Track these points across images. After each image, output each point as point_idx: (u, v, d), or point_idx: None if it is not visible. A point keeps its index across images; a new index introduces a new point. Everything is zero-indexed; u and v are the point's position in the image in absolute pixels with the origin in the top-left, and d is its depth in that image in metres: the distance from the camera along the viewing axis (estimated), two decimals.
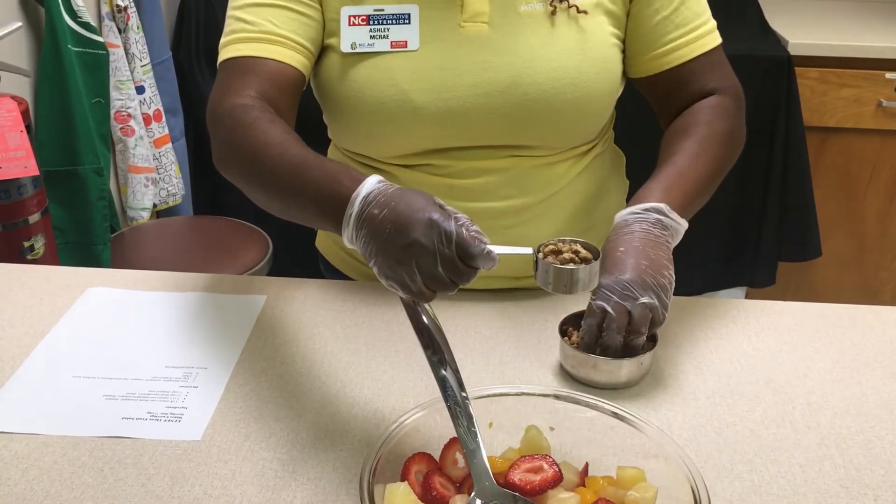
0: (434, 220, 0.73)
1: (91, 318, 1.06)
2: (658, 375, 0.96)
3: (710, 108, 1.05)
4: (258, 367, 0.97)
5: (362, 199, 0.77)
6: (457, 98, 1.01)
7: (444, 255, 0.73)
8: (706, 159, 1.02)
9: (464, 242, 0.73)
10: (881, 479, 0.82)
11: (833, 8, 2.79)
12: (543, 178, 1.08)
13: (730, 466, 0.83)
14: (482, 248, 0.73)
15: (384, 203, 0.76)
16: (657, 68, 1.06)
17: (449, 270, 0.73)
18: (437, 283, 0.74)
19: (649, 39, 1.05)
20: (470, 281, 0.75)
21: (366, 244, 0.77)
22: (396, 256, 0.74)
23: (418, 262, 0.73)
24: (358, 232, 0.77)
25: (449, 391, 0.77)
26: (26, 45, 1.73)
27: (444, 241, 0.73)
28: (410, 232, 0.73)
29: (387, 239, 0.74)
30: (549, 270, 0.78)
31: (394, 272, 0.75)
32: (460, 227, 0.73)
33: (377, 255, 0.76)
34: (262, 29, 0.99)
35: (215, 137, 0.96)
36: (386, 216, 0.75)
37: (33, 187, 1.49)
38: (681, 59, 1.05)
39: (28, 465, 0.81)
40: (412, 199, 0.75)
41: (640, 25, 1.05)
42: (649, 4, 1.04)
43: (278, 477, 0.81)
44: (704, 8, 1.07)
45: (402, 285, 0.75)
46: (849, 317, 1.08)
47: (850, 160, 2.48)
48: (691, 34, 1.05)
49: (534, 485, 0.73)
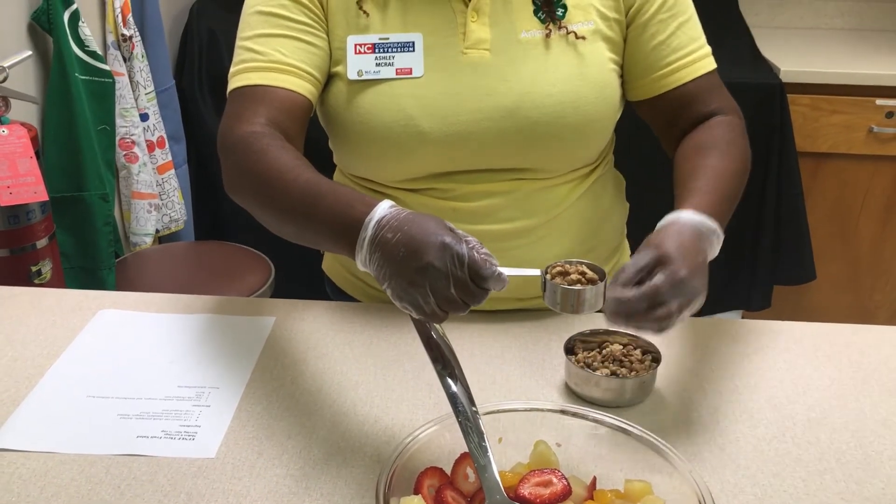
0: (447, 244, 0.76)
1: (103, 339, 1.08)
2: (661, 394, 0.98)
3: (728, 126, 1.07)
4: (269, 387, 0.98)
5: (375, 223, 0.80)
6: (460, 123, 1.04)
7: (456, 278, 0.75)
8: (735, 178, 1.01)
9: (475, 265, 0.75)
10: (881, 493, 0.84)
11: (823, 36, 2.84)
12: (546, 201, 1.11)
13: (733, 481, 0.85)
14: (493, 271, 0.75)
15: (397, 227, 0.78)
16: (657, 91, 1.09)
17: (461, 292, 0.76)
18: (449, 305, 0.76)
19: (647, 63, 1.08)
20: (481, 302, 0.77)
21: (379, 267, 0.79)
22: (410, 279, 0.76)
23: (432, 284, 0.75)
24: (371, 255, 0.80)
25: (460, 407, 0.79)
26: (34, 73, 1.76)
27: (456, 263, 0.75)
28: (424, 255, 0.76)
29: (401, 262, 0.77)
30: (557, 291, 0.80)
31: (408, 294, 0.77)
32: (471, 251, 0.76)
33: (391, 277, 0.78)
34: (272, 58, 1.02)
35: (227, 164, 0.98)
36: (399, 240, 0.77)
37: (41, 213, 1.51)
38: (679, 80, 1.08)
39: (46, 482, 0.83)
40: (424, 223, 0.78)
41: (638, 50, 1.08)
42: (645, 30, 1.07)
43: (292, 493, 0.82)
44: (700, 34, 1.10)
45: (415, 307, 0.77)
46: (845, 336, 1.11)
47: (842, 185, 2.52)
48: (688, 57, 1.08)
49: (543, 498, 0.75)
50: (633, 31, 1.08)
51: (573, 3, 1.06)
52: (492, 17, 1.05)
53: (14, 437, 0.89)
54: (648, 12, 1.07)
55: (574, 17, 1.05)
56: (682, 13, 1.09)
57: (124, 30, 1.99)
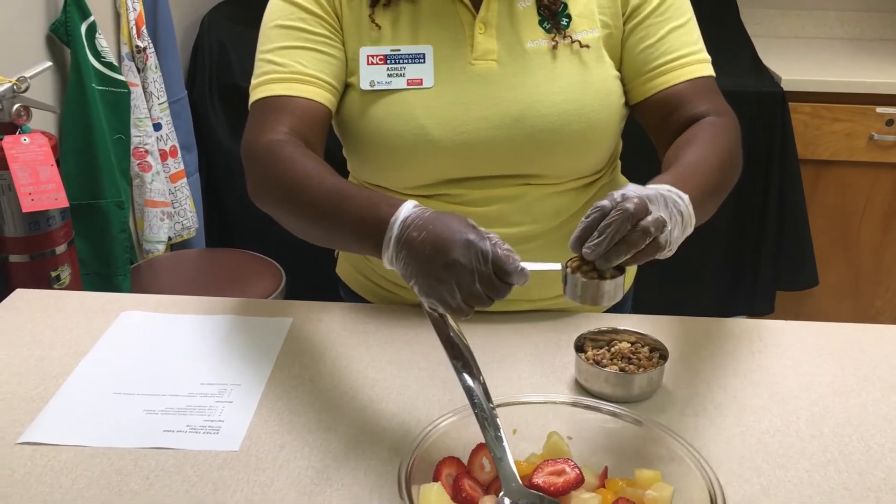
0: (471, 241, 0.79)
1: (127, 339, 1.11)
2: (668, 389, 1.01)
3: (711, 124, 1.06)
4: (289, 384, 1.02)
5: (401, 222, 0.83)
6: (470, 131, 1.08)
7: (481, 273, 0.79)
8: (714, 164, 0.99)
9: (499, 260, 0.79)
10: (882, 482, 0.87)
11: (824, 45, 2.88)
12: (553, 206, 1.14)
13: (739, 472, 0.88)
14: (516, 266, 0.79)
15: (422, 226, 0.82)
16: (646, 93, 1.11)
17: (486, 287, 0.79)
18: (475, 299, 0.80)
19: (636, 66, 1.10)
20: (505, 296, 0.80)
21: (406, 265, 0.82)
22: (437, 276, 0.80)
23: (458, 280, 0.79)
24: (398, 254, 0.83)
25: (476, 400, 0.82)
26: (52, 84, 1.80)
27: (480, 259, 0.79)
28: (449, 252, 0.79)
29: (427, 259, 0.80)
30: (578, 284, 0.83)
31: (434, 290, 0.80)
32: (494, 247, 0.79)
33: (417, 275, 0.81)
34: (293, 69, 1.05)
35: (251, 172, 1.02)
36: (425, 238, 0.81)
37: (61, 219, 1.54)
38: (667, 83, 1.09)
39: (77, 474, 0.86)
40: (449, 222, 0.81)
41: (628, 53, 1.11)
42: (636, 33, 1.10)
43: (314, 483, 0.85)
44: (695, 40, 1.11)
45: (442, 302, 0.81)
46: (847, 335, 1.14)
47: (844, 192, 2.55)
48: (678, 61, 1.09)
49: (557, 486, 0.78)
50: (627, 35, 1.10)
51: (577, 12, 1.09)
52: (499, 29, 1.08)
53: (44, 431, 0.92)
54: (641, 15, 1.09)
55: (578, 25, 1.09)
56: (675, 18, 1.10)
57: (138, 41, 2.03)
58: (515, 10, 1.09)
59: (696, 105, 1.08)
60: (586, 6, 1.09)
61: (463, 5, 1.08)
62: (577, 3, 1.09)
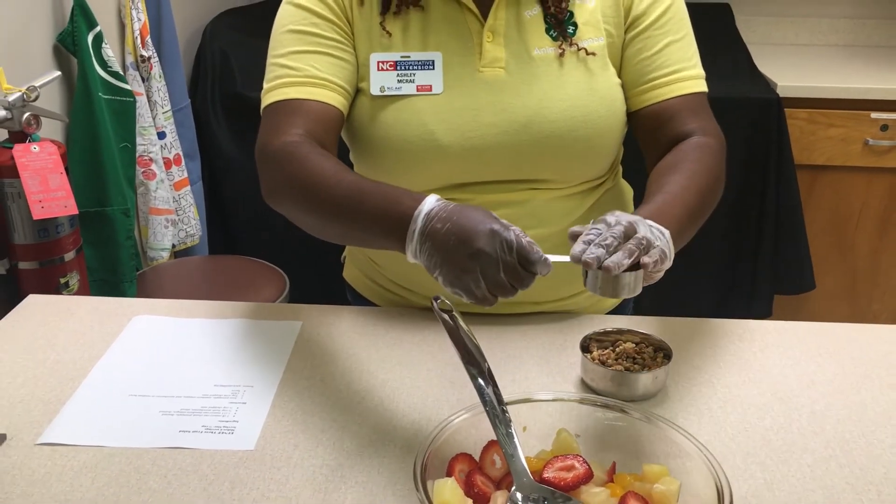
0: (495, 231, 0.82)
1: (140, 343, 1.13)
2: (672, 388, 1.03)
3: (696, 146, 1.08)
4: (301, 385, 1.04)
5: (425, 215, 0.86)
6: (478, 137, 1.10)
7: (506, 262, 0.81)
8: (696, 190, 1.02)
9: (523, 250, 0.81)
10: (883, 477, 0.89)
11: (819, 52, 2.92)
12: (558, 210, 1.17)
13: (743, 467, 0.90)
14: (540, 255, 0.82)
15: (446, 218, 0.84)
16: (639, 104, 1.13)
17: (511, 276, 0.81)
18: (499, 289, 0.82)
19: (632, 76, 1.13)
20: (529, 286, 0.83)
21: (430, 256, 0.85)
22: (463, 266, 0.82)
23: (483, 269, 0.81)
24: (422, 246, 0.85)
25: (487, 398, 0.84)
26: (59, 93, 1.82)
27: (505, 249, 0.81)
28: (474, 242, 0.81)
29: (452, 250, 0.82)
30: (598, 276, 0.85)
31: (460, 280, 0.83)
32: (518, 237, 0.81)
33: (442, 265, 0.84)
34: (306, 73, 1.08)
35: (266, 173, 1.04)
36: (449, 229, 0.83)
37: (70, 226, 1.56)
38: (660, 97, 1.12)
39: (96, 473, 0.88)
40: (472, 213, 0.84)
41: (626, 63, 1.13)
42: (634, 44, 1.13)
43: (329, 481, 0.87)
44: (690, 56, 1.14)
45: (467, 292, 0.83)
46: (847, 335, 1.16)
47: (839, 196, 2.58)
48: (672, 76, 1.12)
49: (567, 481, 0.80)
50: (626, 44, 1.13)
51: (583, 20, 1.12)
52: (506, 37, 1.11)
53: (63, 432, 0.94)
54: (640, 27, 1.12)
55: (584, 33, 1.11)
56: (673, 32, 1.13)
57: (143, 51, 2.06)
58: (522, 18, 1.11)
59: (686, 122, 1.11)
60: (592, 15, 1.12)
61: (471, 13, 1.11)
62: (583, 11, 1.12)
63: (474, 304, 0.84)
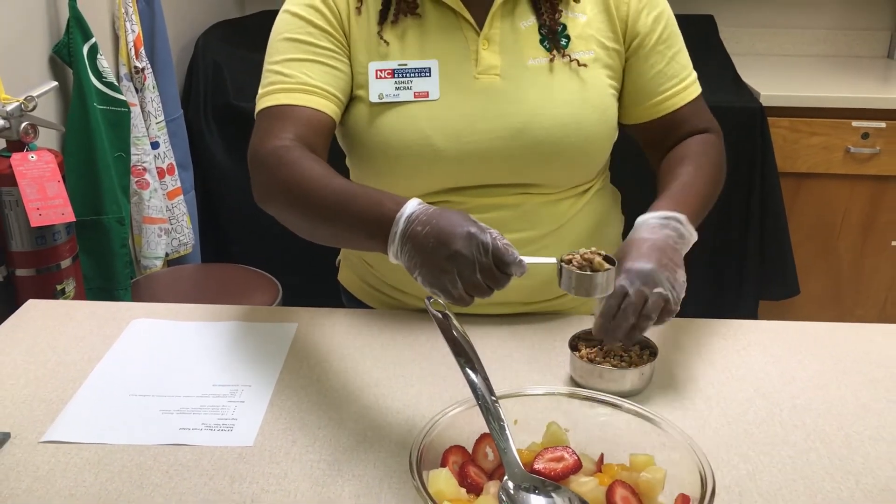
0: (472, 233, 0.85)
1: (139, 345, 1.15)
2: (658, 385, 1.06)
3: (701, 141, 1.20)
4: (297, 384, 1.06)
5: (406, 218, 0.89)
6: (473, 142, 1.13)
7: (482, 264, 0.84)
8: (705, 179, 1.15)
9: (499, 252, 0.84)
10: (861, 467, 0.92)
11: (801, 62, 2.97)
12: (550, 214, 1.20)
13: (726, 458, 0.93)
14: (514, 257, 0.85)
15: (426, 221, 0.87)
16: (653, 115, 1.20)
17: (486, 277, 0.85)
18: (475, 289, 0.85)
19: (647, 90, 1.19)
20: (504, 286, 0.86)
21: (410, 257, 0.88)
22: (440, 266, 0.85)
23: (459, 270, 0.84)
24: (403, 247, 0.88)
25: (479, 393, 0.87)
26: (55, 104, 1.85)
27: (481, 251, 0.84)
28: (452, 244, 0.85)
29: (430, 252, 0.86)
30: (573, 276, 0.89)
31: (438, 280, 0.86)
32: (494, 240, 0.85)
33: (421, 266, 0.87)
34: (299, 80, 1.11)
35: (257, 177, 1.07)
36: (429, 232, 0.86)
37: (66, 234, 1.59)
38: (673, 107, 1.19)
39: (100, 469, 0.90)
40: (451, 216, 0.87)
41: (639, 78, 1.19)
42: (646, 60, 1.18)
43: (326, 475, 0.90)
44: (688, 61, 1.22)
45: (444, 292, 0.86)
46: (827, 333, 1.20)
47: (822, 203, 2.63)
48: (680, 84, 1.19)
49: (557, 471, 0.83)
50: (635, 62, 1.18)
51: (576, 34, 1.16)
52: (501, 46, 1.14)
53: (66, 430, 0.96)
54: (649, 45, 1.17)
55: (576, 46, 1.15)
56: (675, 44, 1.20)
57: (137, 62, 2.09)
58: (518, 28, 1.15)
59: (693, 124, 1.21)
60: (584, 28, 1.16)
61: (467, 23, 1.14)
62: (576, 25, 1.16)
63: (452, 304, 0.88)
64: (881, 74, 2.85)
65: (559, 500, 0.80)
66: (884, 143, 2.53)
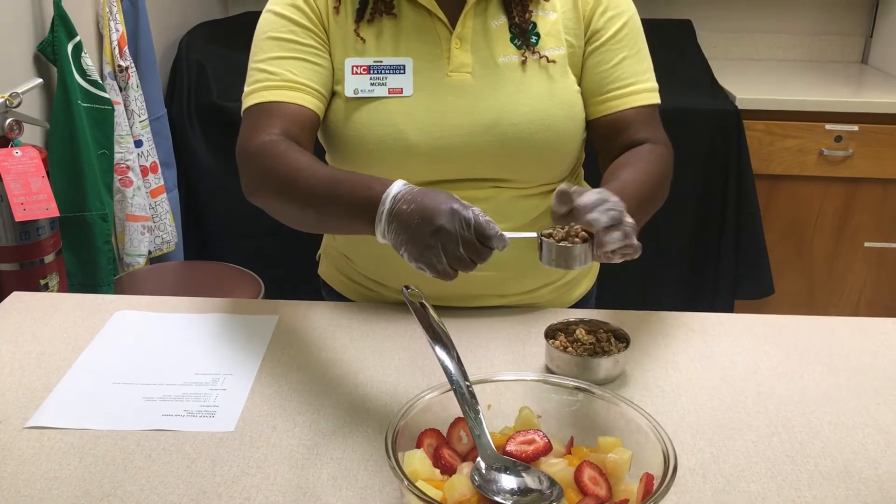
0: (455, 210, 0.88)
1: (123, 335, 1.18)
2: (629, 374, 1.10)
3: (648, 150, 1.18)
4: (278, 373, 1.09)
5: (392, 197, 0.92)
6: (445, 137, 1.17)
7: (464, 238, 0.88)
8: (645, 183, 1.11)
9: (480, 226, 0.88)
10: (821, 451, 0.96)
11: (776, 67, 3.03)
12: (522, 208, 1.23)
13: (692, 443, 0.97)
14: (496, 231, 0.88)
15: (411, 199, 0.91)
16: (596, 114, 1.22)
17: (469, 251, 0.88)
18: (459, 263, 0.89)
19: (591, 88, 1.21)
20: (486, 260, 0.90)
21: (397, 235, 0.91)
22: (425, 242, 0.89)
23: (443, 245, 0.88)
24: (389, 226, 0.92)
25: (454, 378, 0.90)
26: (39, 101, 1.87)
27: (464, 226, 0.88)
28: (436, 220, 0.88)
29: (415, 228, 0.89)
30: (553, 249, 0.93)
31: (423, 256, 0.89)
32: (476, 215, 0.88)
33: (407, 242, 0.90)
34: (284, 78, 1.14)
35: (245, 170, 1.10)
36: (414, 210, 0.90)
37: (50, 229, 1.60)
38: (614, 108, 1.20)
39: (84, 453, 0.93)
40: (435, 195, 0.91)
41: (587, 74, 1.21)
42: (593, 58, 1.20)
43: (305, 458, 0.93)
44: (645, 69, 1.22)
45: (429, 266, 0.90)
46: (792, 325, 1.24)
47: (796, 205, 2.68)
48: (627, 88, 1.20)
49: (528, 453, 0.86)
50: (587, 58, 1.21)
51: (545, 31, 1.19)
52: (473, 44, 1.18)
53: (50, 416, 0.99)
54: (600, 41, 1.20)
55: (546, 43, 1.19)
56: (629, 48, 1.21)
57: (121, 61, 2.10)
58: (489, 27, 1.18)
59: (639, 131, 1.20)
60: (553, 26, 1.19)
61: (441, 22, 1.17)
62: (546, 22, 1.19)
63: (436, 277, 0.91)
64: (855, 79, 2.91)
65: (529, 479, 0.83)
66: (856, 146, 2.59)
